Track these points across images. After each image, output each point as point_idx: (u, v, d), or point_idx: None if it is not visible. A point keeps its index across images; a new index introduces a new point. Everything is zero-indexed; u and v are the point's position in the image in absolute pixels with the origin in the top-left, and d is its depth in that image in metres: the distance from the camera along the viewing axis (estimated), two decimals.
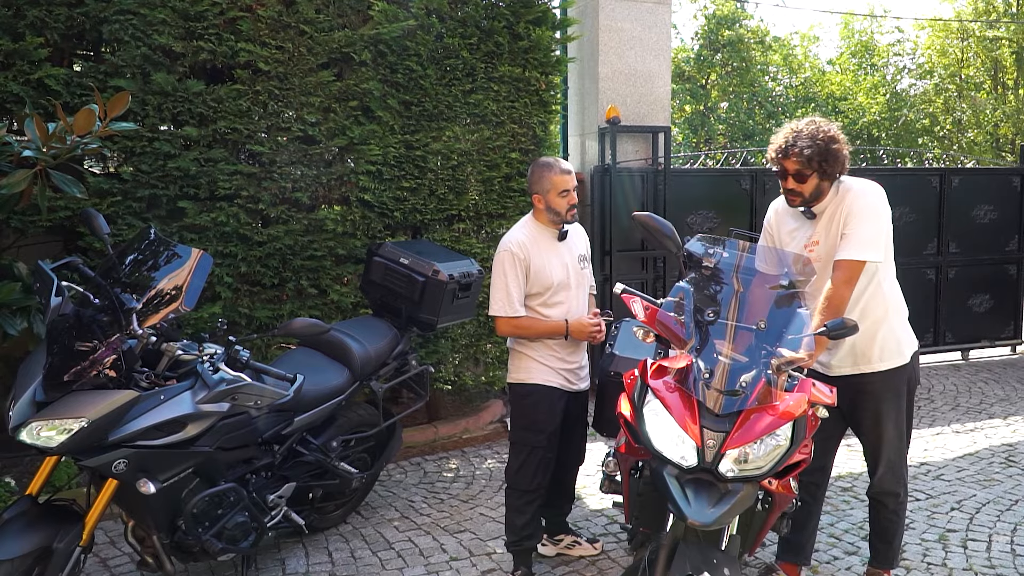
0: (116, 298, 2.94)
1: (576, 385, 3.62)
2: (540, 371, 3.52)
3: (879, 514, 3.34)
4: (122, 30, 4.39)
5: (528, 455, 3.50)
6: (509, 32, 5.42)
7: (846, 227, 3.03)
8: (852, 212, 3.03)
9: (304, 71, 4.79)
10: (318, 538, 4.05)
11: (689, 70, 27.02)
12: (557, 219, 3.51)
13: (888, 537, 3.34)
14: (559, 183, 3.46)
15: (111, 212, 4.46)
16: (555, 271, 3.48)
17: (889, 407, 3.16)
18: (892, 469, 3.23)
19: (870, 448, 3.28)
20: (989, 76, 26.80)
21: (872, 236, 3.00)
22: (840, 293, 2.97)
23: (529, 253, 3.44)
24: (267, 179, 4.78)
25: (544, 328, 3.47)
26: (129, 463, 2.83)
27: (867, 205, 3.03)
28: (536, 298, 3.48)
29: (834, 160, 3.03)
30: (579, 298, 3.60)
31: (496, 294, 3.46)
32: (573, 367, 3.59)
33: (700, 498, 2.37)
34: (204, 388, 2.96)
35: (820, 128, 3.06)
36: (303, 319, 3.24)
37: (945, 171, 8.02)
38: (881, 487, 3.26)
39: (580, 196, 7.05)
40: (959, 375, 7.56)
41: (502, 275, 3.44)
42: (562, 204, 3.47)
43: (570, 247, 3.60)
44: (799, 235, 3.24)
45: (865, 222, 3.01)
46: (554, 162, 3.54)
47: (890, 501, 3.28)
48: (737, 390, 2.44)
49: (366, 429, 4.07)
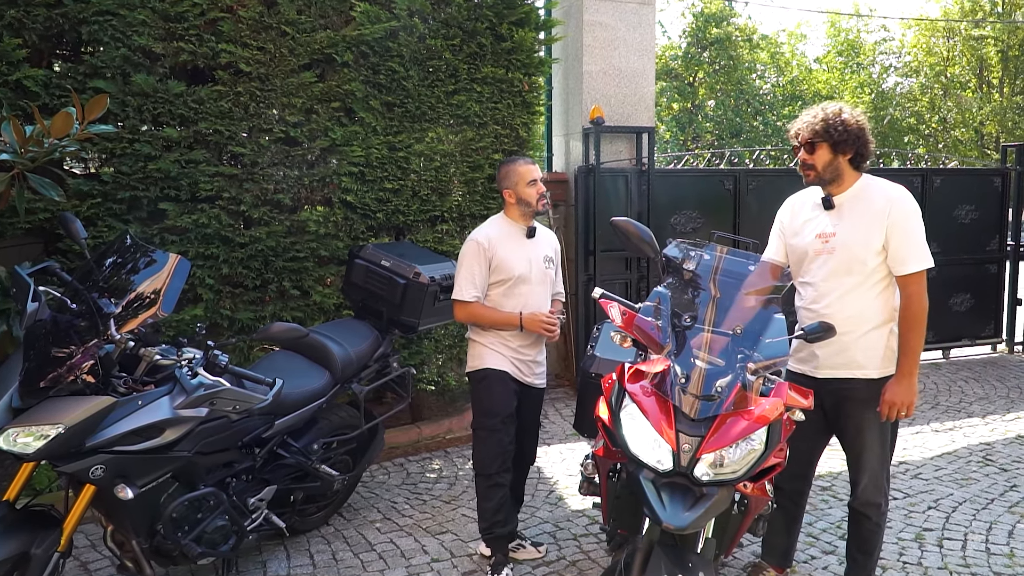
0: (94, 303, 2.93)
1: (528, 377, 3.73)
2: (491, 356, 3.66)
3: (861, 526, 3.27)
4: (101, 31, 4.37)
5: (487, 439, 3.62)
6: (492, 33, 5.42)
7: (901, 239, 3.01)
8: (900, 223, 3.01)
9: (286, 72, 4.78)
10: (300, 540, 4.06)
11: (677, 68, 27.10)
12: (528, 210, 3.66)
13: (869, 548, 3.28)
14: (525, 173, 3.63)
15: (91, 214, 4.43)
16: (518, 263, 3.61)
17: (874, 416, 3.10)
18: (874, 480, 3.18)
19: (853, 457, 3.23)
20: (975, 75, 26.99)
21: (924, 243, 3.04)
22: (921, 304, 3.03)
23: (495, 245, 3.60)
24: (249, 180, 4.77)
25: (498, 317, 3.62)
26: (107, 469, 2.82)
27: (912, 214, 3.03)
28: (498, 286, 3.63)
29: (844, 132, 3.04)
30: (539, 295, 3.70)
31: (459, 281, 3.65)
32: (526, 358, 3.70)
33: (675, 502, 2.39)
34: (182, 393, 2.95)
35: (838, 108, 3.11)
36: (281, 323, 3.24)
37: (927, 171, 8.08)
38: (864, 498, 3.20)
39: (564, 196, 7.12)
40: (940, 374, 7.63)
41: (466, 263, 3.62)
42: (531, 193, 3.63)
43: (538, 245, 3.74)
44: (813, 224, 3.19)
45: (915, 232, 3.04)
46: (517, 156, 3.83)
47: (873, 513, 3.22)
48: (713, 395, 2.46)
49: (348, 431, 4.07)
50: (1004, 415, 6.16)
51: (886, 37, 29.44)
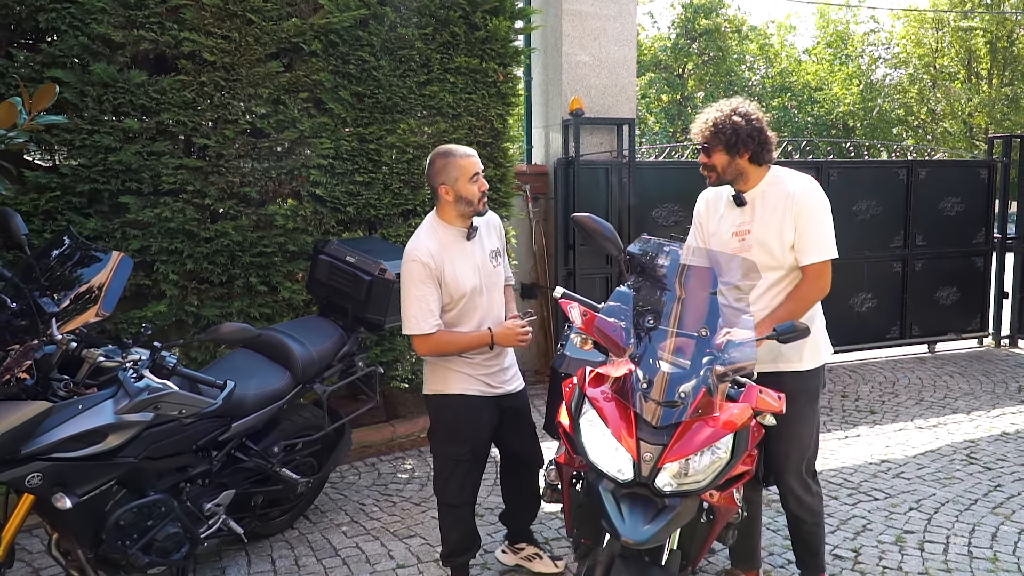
0: (34, 302, 2.79)
1: (500, 388, 3.35)
2: (457, 379, 3.24)
3: (800, 527, 3.22)
4: (59, 19, 4.21)
5: (453, 469, 3.26)
6: (465, 22, 5.27)
7: (803, 230, 2.97)
8: (803, 213, 2.96)
9: (252, 62, 4.62)
10: (262, 545, 3.93)
11: (666, 59, 26.98)
12: (468, 210, 3.18)
13: (814, 548, 3.25)
14: (467, 167, 3.14)
15: (50, 208, 4.28)
16: (467, 278, 3.19)
17: (802, 407, 3.04)
18: (797, 472, 3.11)
19: (780, 452, 3.11)
20: (963, 66, 26.97)
21: (829, 235, 3.00)
22: (814, 293, 2.98)
23: (441, 261, 3.13)
24: (214, 173, 4.62)
25: (467, 341, 3.18)
26: (44, 477, 2.69)
27: (816, 205, 2.98)
28: (450, 308, 3.20)
29: (735, 134, 2.97)
30: (496, 301, 3.34)
31: (408, 311, 3.11)
32: (493, 371, 3.31)
33: (635, 514, 2.27)
34: (126, 396, 2.82)
35: (732, 106, 3.05)
36: (231, 323, 3.09)
37: (912, 163, 7.98)
38: (793, 492, 3.13)
39: (544, 189, 6.99)
40: (925, 368, 7.54)
41: (414, 290, 3.09)
42: (474, 191, 3.15)
43: (481, 245, 3.30)
44: (728, 221, 3.14)
45: (820, 222, 2.99)
46: (454, 147, 3.24)
47: (807, 515, 3.17)
48: (676, 401, 2.34)
49: (312, 432, 3.95)
50: (989, 411, 6.07)
51: (875, 28, 29.40)
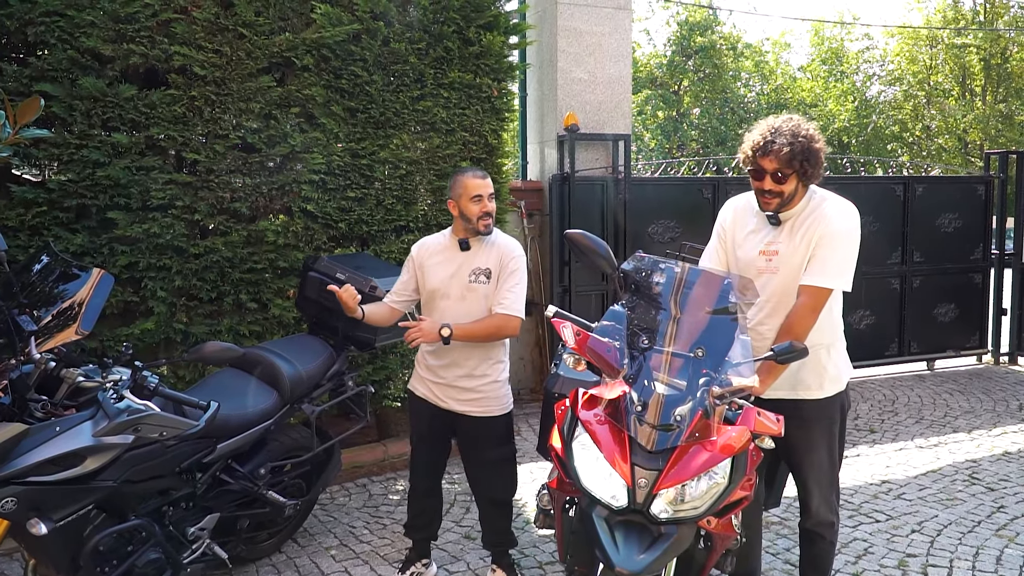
0: (12, 320, 2.72)
1: (444, 403, 3.48)
2: (415, 376, 3.63)
3: (815, 545, 3.16)
4: (48, 32, 4.17)
5: (412, 451, 3.69)
6: (459, 37, 5.23)
7: (819, 249, 2.84)
8: (827, 234, 2.83)
9: (243, 76, 4.57)
10: (248, 569, 3.83)
11: (662, 76, 27.05)
12: (468, 226, 3.41)
13: (824, 568, 3.18)
14: (471, 187, 3.37)
15: (36, 223, 4.22)
16: (436, 279, 3.46)
17: (823, 434, 2.99)
18: (826, 499, 3.07)
19: (802, 478, 3.08)
20: (958, 83, 27.07)
21: (845, 264, 2.85)
22: (805, 321, 2.81)
23: (425, 256, 3.51)
24: (204, 188, 4.56)
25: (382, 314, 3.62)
26: (19, 502, 2.60)
27: (844, 230, 2.85)
28: (425, 300, 3.54)
29: (815, 161, 2.84)
30: (458, 311, 3.39)
31: None
32: (441, 382, 3.48)
33: (630, 543, 2.19)
34: (105, 418, 2.73)
35: (800, 125, 2.87)
36: (215, 343, 3.01)
37: (909, 179, 7.94)
38: (818, 518, 3.09)
39: (539, 205, 6.93)
40: (924, 386, 7.47)
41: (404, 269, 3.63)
42: (473, 210, 3.37)
43: (470, 260, 3.44)
44: (757, 238, 3.00)
45: (840, 248, 2.85)
46: (469, 168, 3.64)
47: (826, 532, 3.12)
48: (671, 424, 2.26)
49: (301, 453, 3.86)
50: (990, 430, 5.99)
51: (869, 45, 29.54)
